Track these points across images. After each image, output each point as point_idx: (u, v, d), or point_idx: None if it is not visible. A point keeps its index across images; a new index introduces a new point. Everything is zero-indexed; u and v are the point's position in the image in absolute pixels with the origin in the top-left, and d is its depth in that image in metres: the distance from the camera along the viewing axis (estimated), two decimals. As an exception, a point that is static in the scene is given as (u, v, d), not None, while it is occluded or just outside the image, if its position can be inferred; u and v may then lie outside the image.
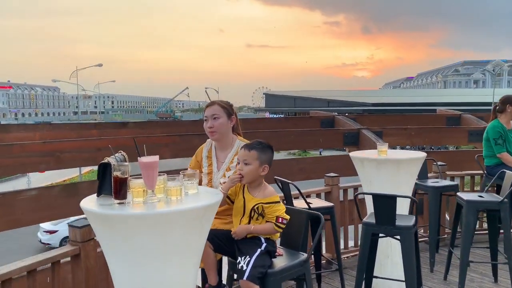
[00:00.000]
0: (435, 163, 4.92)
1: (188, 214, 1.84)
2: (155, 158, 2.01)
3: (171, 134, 5.99)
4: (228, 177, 2.64)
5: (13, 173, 5.14)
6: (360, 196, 4.94)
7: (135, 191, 2.00)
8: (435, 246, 4.39)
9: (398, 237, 2.95)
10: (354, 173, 5.98)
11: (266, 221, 2.37)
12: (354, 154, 3.74)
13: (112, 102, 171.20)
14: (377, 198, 2.91)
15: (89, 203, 1.95)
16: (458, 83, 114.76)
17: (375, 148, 7.03)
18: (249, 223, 2.39)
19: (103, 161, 2.07)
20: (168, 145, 5.84)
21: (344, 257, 4.48)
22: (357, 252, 4.75)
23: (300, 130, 7.07)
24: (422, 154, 3.66)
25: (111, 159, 2.09)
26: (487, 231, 4.07)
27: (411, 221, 2.98)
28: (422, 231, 5.08)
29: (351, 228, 4.88)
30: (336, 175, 4.47)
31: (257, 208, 2.36)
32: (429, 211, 4.39)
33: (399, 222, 2.91)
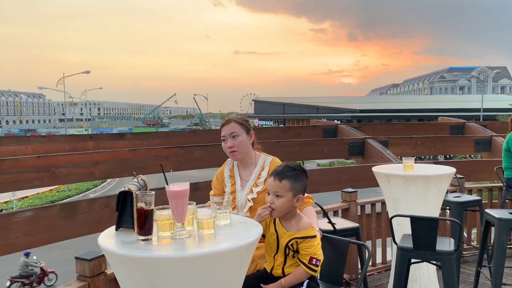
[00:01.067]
0: (454, 176, 4.69)
1: (227, 255, 1.54)
2: (185, 185, 1.72)
3: (171, 146, 5.69)
4: (257, 192, 2.37)
5: (4, 191, 4.77)
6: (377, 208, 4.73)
7: (161, 223, 1.71)
8: (459, 265, 4.15)
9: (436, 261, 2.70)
10: (364, 185, 5.78)
11: (298, 258, 2.06)
12: (379, 169, 3.48)
13: (99, 109, 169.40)
14: (415, 221, 2.65)
15: (108, 240, 1.65)
16: (444, 89, 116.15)
17: (381, 158, 6.85)
18: (284, 261, 2.08)
19: (123, 189, 1.78)
20: (169, 157, 5.54)
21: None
22: (379, 267, 4.53)
23: (304, 141, 6.81)
24: (451, 170, 3.42)
25: (132, 186, 1.79)
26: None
27: (451, 245, 2.72)
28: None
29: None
30: (353, 190, 4.21)
31: (292, 245, 2.06)
32: (451, 228, 4.16)
33: (439, 247, 2.66)
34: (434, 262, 2.73)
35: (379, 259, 4.62)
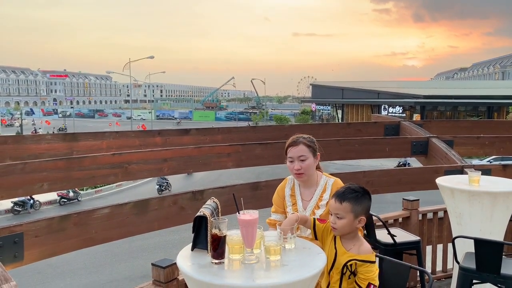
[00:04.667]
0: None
1: (294, 286, 1.66)
2: (255, 215, 1.86)
3: (233, 143, 5.88)
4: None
5: (83, 185, 5.21)
6: (439, 214, 4.65)
7: (232, 247, 1.87)
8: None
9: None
10: (427, 187, 5.66)
11: (355, 282, 2.14)
12: (443, 182, 3.44)
13: (161, 91, 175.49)
14: (480, 243, 2.63)
15: (186, 262, 1.82)
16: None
17: (445, 158, 6.64)
18: (340, 279, 2.18)
19: (198, 214, 1.94)
20: (231, 154, 5.74)
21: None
22: (439, 275, 4.48)
23: (364, 139, 6.74)
24: (521, 186, 3.30)
25: (206, 210, 1.95)
26: None
27: (517, 268, 2.67)
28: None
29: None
30: (415, 198, 4.18)
31: (351, 265, 2.14)
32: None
33: (504, 270, 2.63)
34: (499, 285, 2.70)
35: (439, 267, 4.57)
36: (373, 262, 2.12)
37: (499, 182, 3.52)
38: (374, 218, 3.44)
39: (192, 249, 1.94)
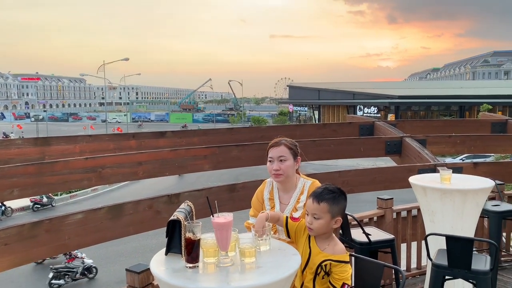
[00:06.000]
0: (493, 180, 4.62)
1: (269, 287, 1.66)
2: (229, 217, 1.85)
3: (210, 145, 5.85)
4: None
5: (56, 191, 5.09)
6: (413, 212, 4.74)
7: (206, 250, 1.85)
8: (496, 276, 4.12)
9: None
10: (401, 186, 5.76)
11: (329, 282, 2.15)
12: (416, 181, 3.50)
13: (137, 93, 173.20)
14: (451, 239, 2.69)
15: (160, 266, 1.80)
16: (488, 74, 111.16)
17: (419, 157, 6.77)
18: (314, 279, 2.19)
19: (172, 218, 1.92)
20: (207, 157, 5.71)
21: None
22: (413, 272, 4.56)
23: (339, 139, 6.82)
24: (490, 183, 3.40)
25: (180, 214, 1.93)
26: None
27: (487, 264, 2.74)
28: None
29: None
30: (390, 197, 4.24)
31: (325, 265, 2.15)
32: (490, 237, 4.12)
33: (474, 265, 2.69)
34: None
35: (414, 264, 4.65)
36: (347, 262, 2.14)
37: (469, 179, 3.61)
38: (349, 217, 3.48)
39: (166, 254, 1.92)
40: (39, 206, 23.48)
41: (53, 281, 13.88)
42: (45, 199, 23.66)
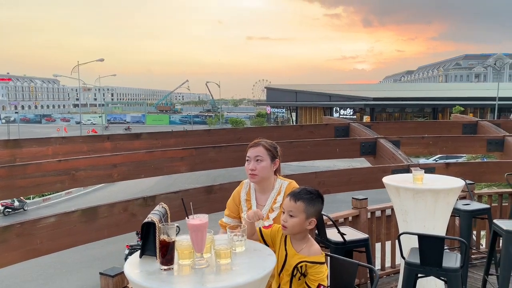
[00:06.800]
0: (463, 180, 4.75)
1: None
2: (205, 219, 1.84)
3: (186, 147, 5.82)
4: (273, 219, 2.47)
5: (27, 194, 4.97)
6: (387, 212, 4.82)
7: (181, 252, 1.84)
8: (466, 273, 4.23)
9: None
10: (375, 186, 5.86)
11: (305, 283, 2.17)
12: (389, 181, 3.56)
13: (112, 95, 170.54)
14: (423, 238, 2.75)
15: (134, 269, 1.78)
16: (460, 76, 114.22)
17: (393, 158, 6.90)
18: (290, 281, 2.20)
19: (146, 220, 1.91)
20: (184, 158, 5.68)
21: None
22: (388, 271, 4.63)
23: (316, 140, 6.89)
24: (460, 183, 3.49)
25: (154, 217, 1.92)
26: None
27: (457, 261, 2.82)
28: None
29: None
30: (364, 197, 4.30)
31: (301, 267, 2.17)
32: (460, 235, 4.23)
33: (445, 263, 2.76)
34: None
35: (388, 263, 4.73)
36: (323, 263, 2.16)
37: (441, 179, 3.70)
38: (324, 217, 3.52)
39: (141, 256, 1.90)
40: (10, 210, 22.84)
41: (128, 257, 13.97)
42: (16, 203, 23.04)
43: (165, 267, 1.79)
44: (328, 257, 2.46)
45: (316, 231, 3.43)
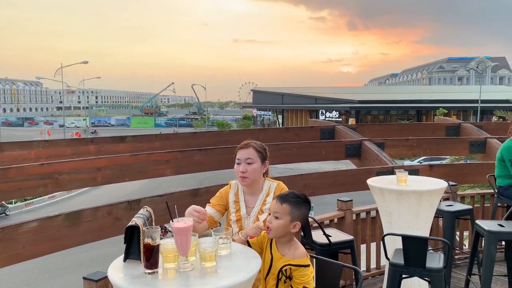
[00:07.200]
0: (446, 181, 4.82)
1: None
2: (189, 222, 1.84)
3: (171, 150, 5.79)
4: (263, 221, 2.46)
5: (9, 198, 4.88)
6: (372, 213, 4.86)
7: (166, 256, 1.83)
8: (449, 273, 4.29)
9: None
10: (360, 188, 5.91)
11: (291, 286, 2.17)
12: (373, 183, 3.60)
13: (96, 98, 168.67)
14: (407, 239, 2.78)
15: (118, 273, 1.76)
16: (443, 79, 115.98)
17: (377, 160, 6.96)
18: (276, 284, 2.20)
19: (130, 224, 1.89)
20: (169, 161, 5.65)
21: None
22: (373, 272, 4.67)
23: (302, 143, 6.92)
24: (443, 184, 3.54)
25: (138, 220, 1.90)
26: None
27: (440, 261, 2.86)
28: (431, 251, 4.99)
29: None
30: (349, 199, 4.34)
31: (286, 270, 2.17)
32: (444, 236, 4.29)
33: (429, 263, 2.79)
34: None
35: (373, 264, 4.76)
36: (308, 265, 2.16)
37: (424, 181, 3.75)
38: (310, 219, 3.54)
39: (125, 260, 1.88)
40: (-9, 215, 22.42)
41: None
42: (-2, 208, 22.62)
43: (150, 271, 1.78)
44: (314, 259, 2.47)
45: (302, 233, 3.44)
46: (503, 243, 4.27)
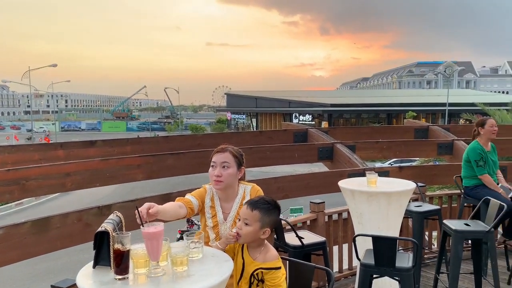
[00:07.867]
0: (415, 182, 4.94)
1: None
2: (160, 227, 1.82)
3: (143, 154, 5.71)
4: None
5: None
6: (344, 215, 4.93)
7: (137, 261, 1.81)
8: (419, 272, 4.39)
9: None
10: (332, 190, 5.98)
11: None
12: (344, 185, 3.66)
13: (66, 101, 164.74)
14: (377, 239, 2.84)
15: (87, 280, 1.73)
16: (412, 83, 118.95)
17: (349, 162, 7.07)
18: None
19: (100, 229, 1.86)
20: (141, 166, 5.57)
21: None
22: (345, 273, 4.73)
23: (275, 146, 6.96)
24: (412, 185, 3.63)
25: (108, 225, 1.87)
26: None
27: (410, 261, 2.92)
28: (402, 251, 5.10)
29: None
30: (321, 201, 4.39)
31: (257, 274, 2.17)
32: (413, 236, 4.39)
33: (398, 263, 2.86)
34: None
35: (345, 265, 4.83)
36: (279, 268, 2.17)
37: (394, 182, 3.84)
38: (283, 222, 3.56)
39: (94, 267, 1.85)
40: (-45, 223, 21.49)
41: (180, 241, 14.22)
42: (-38, 216, 21.74)
43: (120, 277, 1.76)
44: (287, 261, 2.49)
45: (275, 235, 3.46)
46: (470, 242, 4.40)
